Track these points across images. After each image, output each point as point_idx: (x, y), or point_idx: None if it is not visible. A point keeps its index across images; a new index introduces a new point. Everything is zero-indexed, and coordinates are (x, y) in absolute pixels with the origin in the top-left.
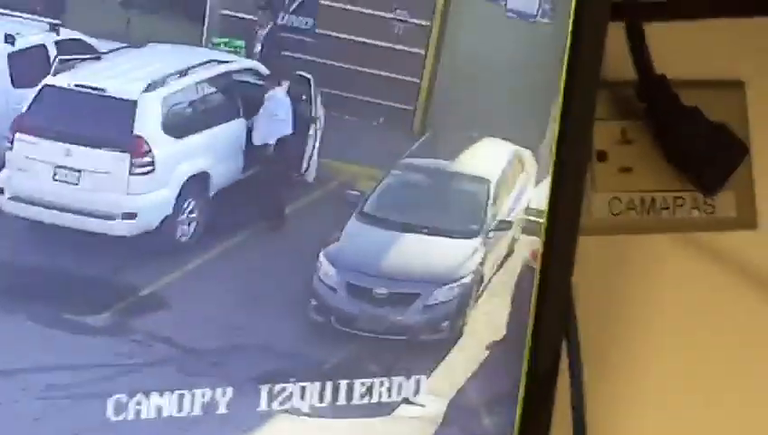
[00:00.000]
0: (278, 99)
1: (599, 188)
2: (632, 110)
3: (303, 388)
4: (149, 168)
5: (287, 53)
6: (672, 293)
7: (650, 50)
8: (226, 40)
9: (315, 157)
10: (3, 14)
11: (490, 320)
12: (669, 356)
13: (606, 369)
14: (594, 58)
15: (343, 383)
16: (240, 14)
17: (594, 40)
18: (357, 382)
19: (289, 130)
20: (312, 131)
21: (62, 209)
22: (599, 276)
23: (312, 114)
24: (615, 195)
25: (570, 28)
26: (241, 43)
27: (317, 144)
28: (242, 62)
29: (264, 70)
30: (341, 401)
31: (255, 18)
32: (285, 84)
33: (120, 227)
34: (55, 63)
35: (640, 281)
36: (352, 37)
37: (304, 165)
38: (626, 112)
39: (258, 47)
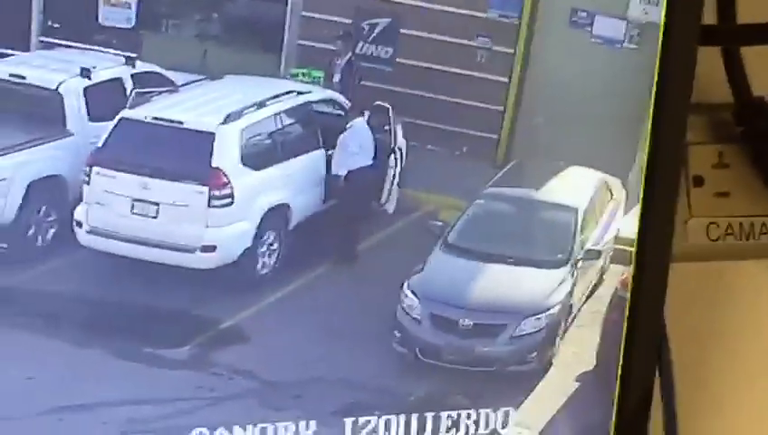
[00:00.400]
0: (358, 129)
1: (695, 213)
2: (729, 133)
3: (388, 421)
4: (229, 200)
5: (367, 83)
6: None
7: (747, 73)
8: (305, 70)
9: (395, 187)
10: (79, 47)
11: (579, 351)
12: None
13: (701, 402)
14: (684, 83)
15: (429, 416)
16: (318, 44)
17: (683, 65)
18: (443, 415)
19: (369, 161)
20: (391, 162)
21: (141, 242)
22: (696, 304)
23: (392, 144)
24: (712, 220)
25: (658, 54)
26: (320, 73)
27: (397, 174)
28: (321, 93)
29: (343, 100)
30: (428, 433)
31: (334, 48)
32: (366, 114)
33: (200, 260)
34: (132, 96)
35: (739, 309)
36: (433, 66)
37: (384, 196)
38: (723, 136)
39: (337, 77)
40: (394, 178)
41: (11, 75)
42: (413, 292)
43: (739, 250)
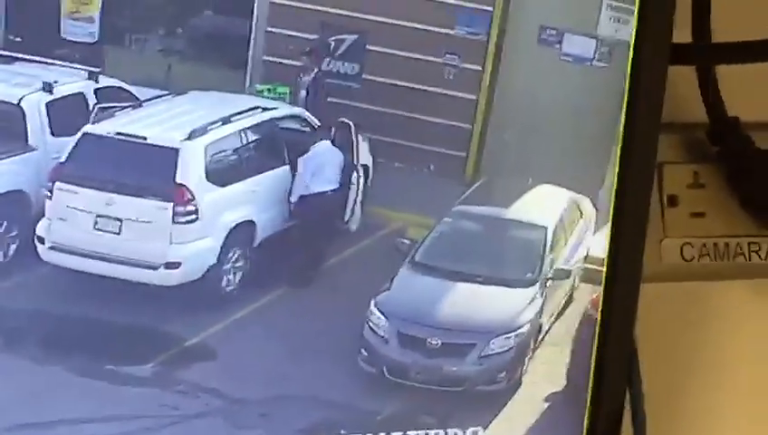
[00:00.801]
0: (320, 152)
1: (670, 233)
2: (704, 153)
3: None
4: (193, 216)
5: (333, 99)
6: (747, 343)
7: (722, 92)
8: (270, 86)
9: (358, 206)
10: (41, 62)
11: (549, 371)
12: (741, 411)
13: (671, 424)
14: (654, 102)
15: None
16: (283, 61)
17: (654, 83)
18: (411, 434)
19: (334, 185)
20: (353, 179)
21: (104, 259)
22: (670, 325)
23: (354, 162)
24: (687, 240)
25: (628, 71)
26: (285, 89)
27: (360, 193)
28: (287, 109)
29: (309, 116)
30: None
31: (300, 64)
32: (332, 133)
33: (164, 277)
34: (95, 111)
35: (714, 330)
36: (401, 82)
37: (347, 214)
38: (698, 156)
39: (303, 93)
40: (357, 197)
41: None
42: (380, 310)
43: (714, 271)
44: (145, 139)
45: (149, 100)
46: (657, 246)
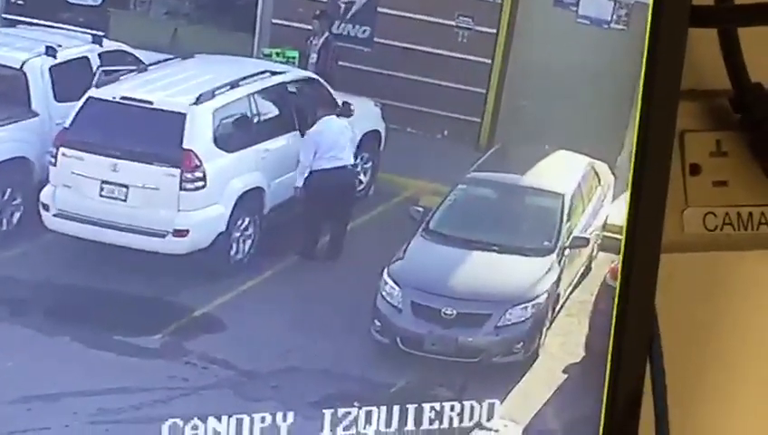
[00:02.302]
0: (331, 127)
1: (692, 202)
2: (727, 120)
3: (369, 412)
4: (201, 183)
5: (344, 64)
6: None
7: (745, 58)
8: (279, 50)
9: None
10: (44, 25)
11: (567, 341)
12: (763, 381)
13: (693, 395)
14: (674, 65)
15: (411, 408)
16: (292, 24)
17: (673, 46)
18: (426, 407)
19: (343, 162)
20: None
21: (110, 226)
22: (692, 296)
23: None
24: (709, 210)
25: (647, 34)
26: (294, 53)
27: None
28: (296, 73)
29: (320, 81)
30: (410, 426)
31: (309, 27)
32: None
33: (172, 245)
34: (98, 75)
35: (736, 301)
36: (413, 46)
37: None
38: (720, 123)
39: (314, 57)
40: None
41: None
42: (393, 279)
43: (737, 241)
44: (151, 103)
45: (155, 64)
46: (680, 215)
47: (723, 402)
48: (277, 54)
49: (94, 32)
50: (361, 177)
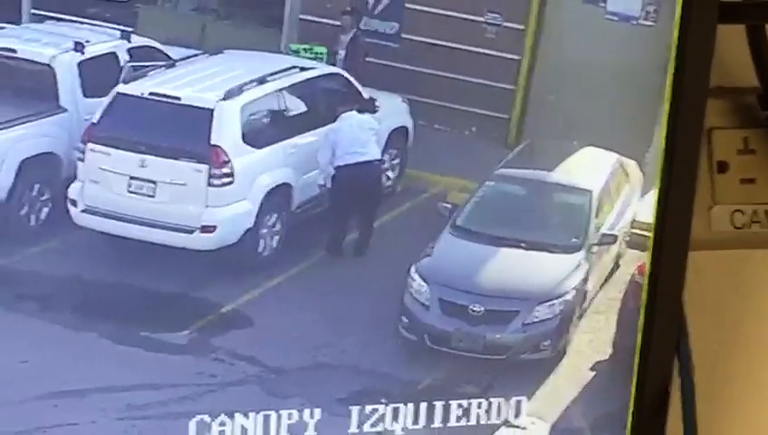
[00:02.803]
0: (353, 123)
1: (720, 200)
2: (755, 118)
3: (396, 409)
4: (229, 179)
5: (371, 60)
6: None
7: None
8: (307, 46)
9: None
10: (72, 21)
11: (595, 339)
12: None
13: (721, 394)
14: (703, 61)
15: (439, 405)
16: (320, 19)
17: (702, 42)
18: (453, 404)
19: (366, 157)
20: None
21: (138, 222)
22: (720, 293)
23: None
24: (737, 207)
25: (676, 30)
26: (323, 49)
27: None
28: (324, 69)
29: (348, 77)
30: (437, 422)
31: (337, 24)
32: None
33: (200, 241)
34: (126, 70)
35: (764, 297)
36: (441, 42)
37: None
38: (748, 121)
39: (342, 54)
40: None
41: (1, 49)
42: (421, 276)
43: (765, 238)
44: (179, 99)
45: (183, 59)
46: (707, 213)
47: (751, 399)
48: (305, 51)
49: (122, 27)
50: (389, 173)
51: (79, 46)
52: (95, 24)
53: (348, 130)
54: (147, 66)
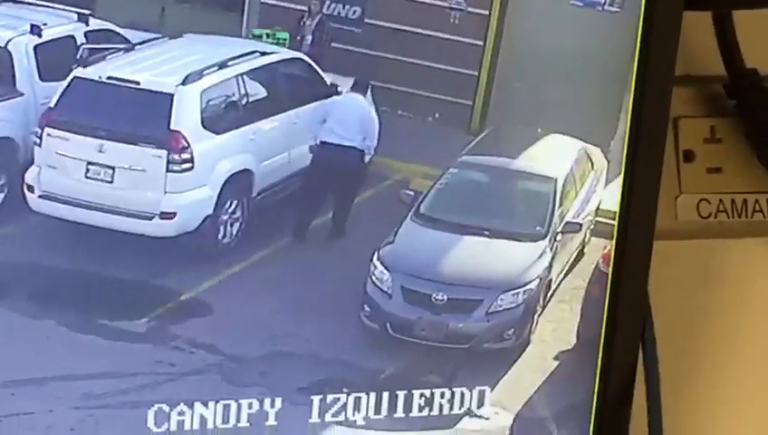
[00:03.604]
0: (339, 103)
1: (686, 189)
2: (721, 106)
3: (358, 399)
4: (188, 165)
5: (334, 45)
6: (764, 300)
7: (740, 43)
8: (269, 31)
9: None
10: (28, 3)
11: (559, 328)
12: (756, 370)
13: (686, 383)
14: (669, 48)
15: (401, 394)
16: (282, 4)
17: (668, 29)
18: (416, 393)
19: (351, 142)
20: None
21: (96, 208)
22: (685, 283)
23: None
24: (703, 196)
25: (641, 17)
26: (285, 34)
27: None
28: (286, 54)
29: (310, 62)
30: (399, 412)
31: (298, 8)
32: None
33: (159, 228)
34: (84, 54)
35: (730, 288)
36: (404, 27)
37: None
38: (714, 109)
39: (309, 39)
40: None
41: None
42: (383, 264)
43: (731, 228)
44: (138, 83)
45: (142, 43)
46: (673, 202)
47: (715, 389)
48: (267, 36)
49: (80, 10)
50: None
51: (36, 29)
52: (53, 7)
53: (339, 108)
54: (105, 49)
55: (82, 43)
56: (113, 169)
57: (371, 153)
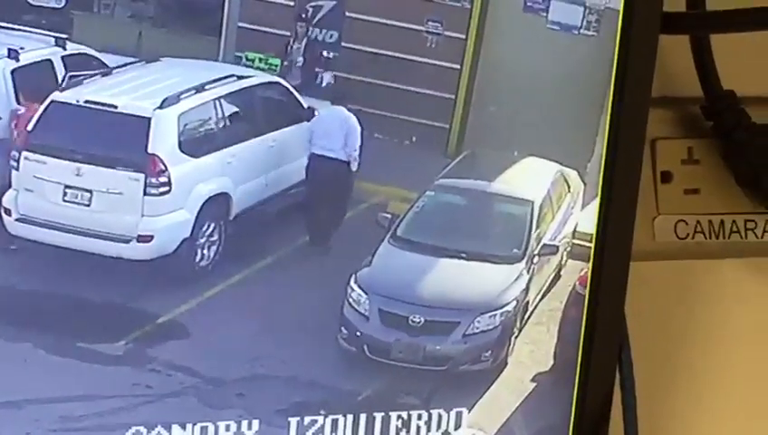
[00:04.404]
0: (323, 115)
1: (663, 210)
2: (699, 128)
3: (335, 421)
4: (166, 188)
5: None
6: (742, 323)
7: (717, 65)
8: (263, 56)
9: None
10: (5, 27)
11: (536, 350)
12: (733, 391)
13: (663, 403)
14: (645, 71)
15: (378, 416)
16: (260, 28)
17: (645, 52)
18: (393, 415)
19: (337, 154)
20: None
21: (74, 232)
22: (663, 304)
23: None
24: (681, 217)
25: (617, 41)
26: (277, 60)
27: None
28: (263, 78)
29: (287, 85)
30: (377, 434)
31: (281, 32)
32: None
33: (136, 251)
34: (65, 80)
35: (707, 309)
36: (381, 51)
37: None
38: (692, 131)
39: (300, 61)
40: None
41: None
42: (360, 286)
43: (709, 249)
44: (115, 107)
45: (120, 67)
46: (651, 223)
47: (692, 411)
48: (260, 60)
49: (57, 34)
50: None
51: (13, 53)
52: (29, 31)
53: (324, 121)
54: (82, 74)
55: (66, 74)
56: (91, 192)
57: (357, 160)
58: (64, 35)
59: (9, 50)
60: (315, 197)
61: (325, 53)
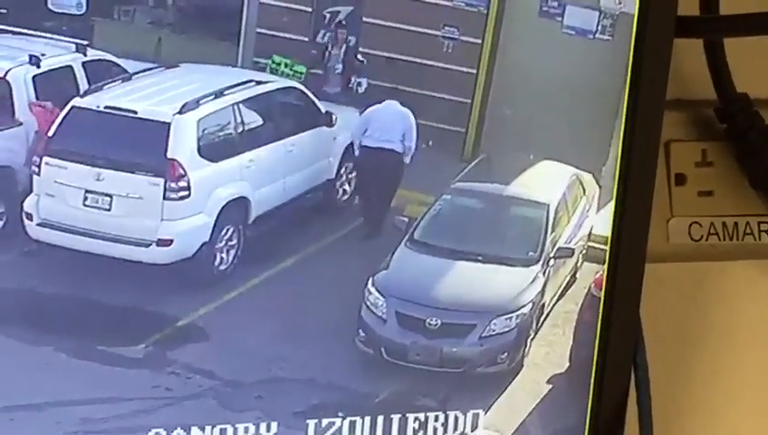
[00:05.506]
0: (381, 109)
1: (677, 212)
2: (712, 130)
3: (353, 422)
4: (185, 192)
5: None
6: (756, 324)
7: (731, 68)
8: (288, 61)
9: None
10: (27, 34)
11: (552, 352)
12: (749, 394)
13: (678, 404)
14: (659, 74)
15: (396, 418)
16: (278, 33)
17: (659, 55)
18: (410, 417)
19: (399, 148)
20: None
21: (94, 236)
22: (677, 306)
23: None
24: (695, 220)
25: (632, 45)
26: (302, 68)
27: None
28: (282, 83)
29: (306, 91)
30: None
31: (299, 38)
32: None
33: (156, 255)
34: (85, 85)
35: (721, 311)
36: (398, 56)
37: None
38: (706, 133)
39: (339, 67)
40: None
41: None
42: (378, 289)
43: (723, 251)
44: (135, 112)
45: (139, 73)
46: (665, 225)
47: (708, 412)
48: (285, 65)
49: (78, 41)
50: (345, 186)
51: (34, 59)
52: (51, 38)
53: (382, 115)
54: (103, 80)
55: (84, 75)
56: (111, 196)
57: (411, 154)
58: (85, 42)
59: (30, 56)
60: (369, 186)
61: (359, 58)
